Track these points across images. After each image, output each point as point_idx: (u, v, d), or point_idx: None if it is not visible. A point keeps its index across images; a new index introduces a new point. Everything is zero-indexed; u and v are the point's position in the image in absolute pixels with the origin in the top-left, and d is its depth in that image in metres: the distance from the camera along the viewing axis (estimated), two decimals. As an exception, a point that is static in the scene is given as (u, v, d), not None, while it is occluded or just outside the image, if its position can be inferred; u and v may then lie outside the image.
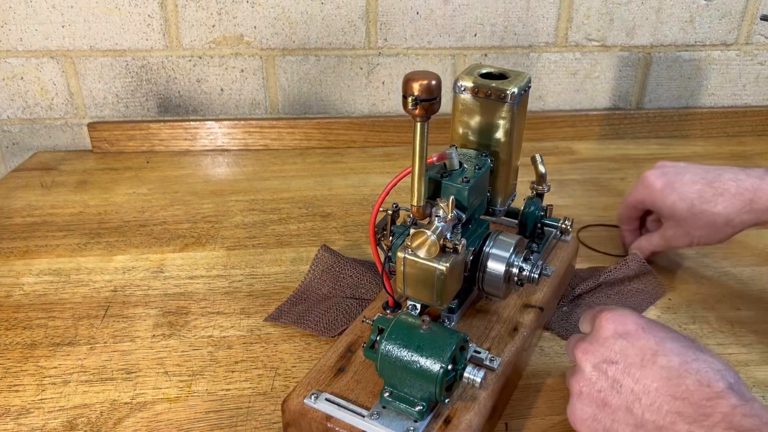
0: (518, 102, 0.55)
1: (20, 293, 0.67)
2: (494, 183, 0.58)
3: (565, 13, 1.00)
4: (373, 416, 0.46)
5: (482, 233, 0.55)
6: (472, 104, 0.56)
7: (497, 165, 0.57)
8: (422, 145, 0.46)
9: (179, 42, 0.97)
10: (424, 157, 0.47)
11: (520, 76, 0.56)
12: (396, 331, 0.46)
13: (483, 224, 0.57)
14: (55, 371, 0.57)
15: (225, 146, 1.02)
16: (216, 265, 0.72)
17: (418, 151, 0.46)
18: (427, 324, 0.46)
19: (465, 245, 0.49)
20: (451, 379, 0.45)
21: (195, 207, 0.85)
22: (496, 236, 0.54)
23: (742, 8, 1.02)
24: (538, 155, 0.62)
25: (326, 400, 0.48)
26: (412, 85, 0.43)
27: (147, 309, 0.65)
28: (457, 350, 0.46)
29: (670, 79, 1.07)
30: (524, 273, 0.53)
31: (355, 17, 0.98)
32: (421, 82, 0.42)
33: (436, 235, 0.47)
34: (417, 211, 0.49)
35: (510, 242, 0.53)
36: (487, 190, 0.56)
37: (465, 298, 0.57)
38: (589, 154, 1.03)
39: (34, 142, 1.03)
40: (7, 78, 0.97)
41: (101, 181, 0.92)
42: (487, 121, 0.56)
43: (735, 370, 0.41)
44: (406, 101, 0.43)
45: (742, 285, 0.69)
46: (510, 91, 0.54)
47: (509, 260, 0.53)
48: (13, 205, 0.85)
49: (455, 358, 0.45)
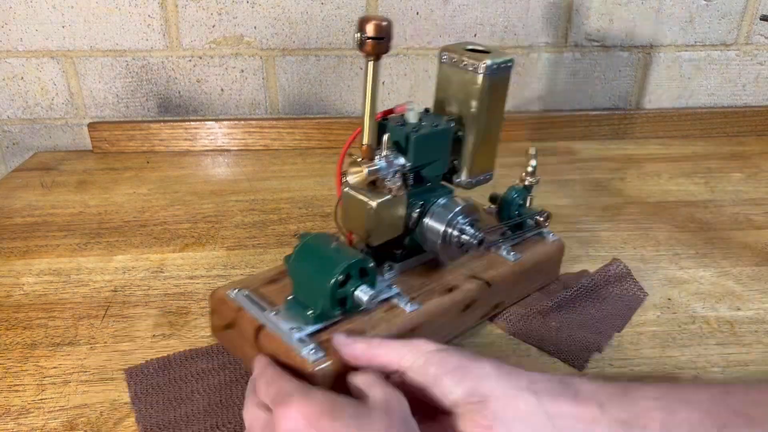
0: (492, 75, 0.55)
1: (20, 293, 0.67)
2: (460, 152, 0.59)
3: (565, 13, 1.00)
4: (272, 312, 0.51)
5: (438, 194, 0.57)
6: (450, 73, 0.58)
7: (465, 135, 0.58)
8: (373, 85, 0.49)
9: (179, 42, 0.97)
10: (375, 97, 0.50)
11: (502, 55, 0.56)
12: (307, 244, 0.51)
13: (445, 190, 0.59)
14: (55, 371, 0.57)
15: (225, 146, 1.02)
16: (216, 265, 0.72)
17: (369, 90, 0.49)
18: (335, 242, 0.50)
19: (400, 188, 0.52)
20: (342, 294, 0.49)
21: (195, 207, 0.85)
22: (448, 198, 0.57)
23: (742, 8, 1.02)
24: (533, 149, 0.64)
25: (245, 296, 0.54)
26: (364, 25, 0.47)
27: (147, 309, 0.65)
28: (356, 270, 0.49)
29: (670, 79, 1.07)
30: (464, 237, 0.55)
31: (355, 17, 0.98)
32: (373, 22, 0.46)
33: (369, 169, 0.50)
34: (365, 149, 0.52)
35: (457, 204, 0.56)
36: (445, 154, 0.58)
37: (410, 254, 0.59)
38: (589, 154, 1.02)
39: (35, 142, 1.03)
40: (7, 78, 0.97)
41: (101, 181, 0.92)
42: (461, 90, 0.57)
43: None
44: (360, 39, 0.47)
45: (742, 285, 0.69)
46: (483, 63, 0.55)
47: (451, 221, 0.55)
48: (13, 205, 0.85)
49: (349, 275, 0.49)
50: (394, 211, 0.54)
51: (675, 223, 0.81)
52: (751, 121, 1.09)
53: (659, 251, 0.75)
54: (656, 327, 0.63)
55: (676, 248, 0.75)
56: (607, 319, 0.63)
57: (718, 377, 0.57)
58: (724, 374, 0.57)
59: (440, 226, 0.55)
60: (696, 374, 0.57)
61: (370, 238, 0.54)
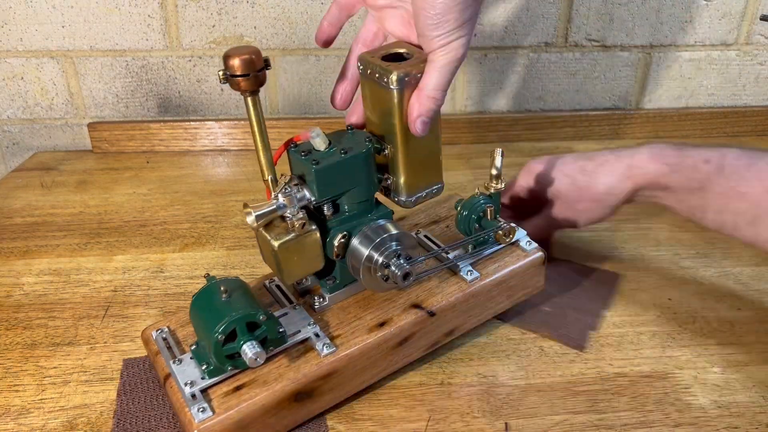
0: (407, 88, 0.49)
1: (20, 293, 0.67)
2: (395, 172, 0.54)
3: (565, 13, 1.00)
4: (176, 362, 0.51)
5: (370, 219, 0.53)
6: (367, 86, 0.52)
7: (395, 152, 0.52)
8: (257, 119, 0.47)
9: (179, 42, 0.97)
10: (262, 132, 0.47)
11: (420, 60, 0.49)
12: (202, 292, 0.50)
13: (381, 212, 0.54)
14: (55, 371, 0.57)
15: (225, 146, 1.02)
16: (216, 265, 0.72)
17: (255, 124, 0.47)
18: (226, 294, 0.48)
19: (302, 224, 0.48)
20: (231, 350, 0.47)
21: (195, 207, 0.85)
22: (374, 226, 0.52)
23: (742, 8, 1.02)
24: (499, 150, 0.56)
25: (163, 338, 0.54)
26: (228, 61, 0.44)
27: (147, 309, 0.65)
28: (242, 326, 0.47)
29: (670, 79, 1.07)
30: (390, 269, 0.51)
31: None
32: (239, 57, 0.43)
33: (256, 213, 0.48)
34: (266, 184, 0.49)
35: (381, 234, 0.51)
36: (367, 179, 0.52)
37: (347, 282, 0.55)
38: (589, 154, 1.02)
39: (34, 142, 1.03)
40: (7, 78, 0.97)
41: (101, 181, 0.92)
42: (378, 104, 0.51)
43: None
44: (225, 77, 0.44)
45: (742, 285, 0.69)
46: (393, 75, 0.48)
47: (369, 254, 0.51)
48: (13, 205, 0.85)
49: (235, 330, 0.47)
50: (303, 247, 0.50)
51: (675, 222, 0.81)
52: (751, 121, 1.09)
53: (659, 251, 0.75)
54: (656, 327, 0.63)
55: (677, 248, 0.75)
56: (593, 300, 0.65)
57: (717, 376, 0.57)
58: (724, 374, 0.57)
59: (360, 255, 0.51)
60: (696, 374, 0.57)
61: (282, 276, 0.51)
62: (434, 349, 0.57)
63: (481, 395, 0.55)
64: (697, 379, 0.56)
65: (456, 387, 0.55)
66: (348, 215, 0.53)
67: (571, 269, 0.70)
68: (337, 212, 0.52)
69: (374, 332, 0.52)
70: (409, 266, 0.51)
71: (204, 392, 0.48)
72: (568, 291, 0.66)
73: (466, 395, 0.54)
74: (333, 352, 0.50)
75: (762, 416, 0.52)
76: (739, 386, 0.55)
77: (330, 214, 0.52)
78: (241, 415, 0.47)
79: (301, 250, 0.50)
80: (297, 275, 0.52)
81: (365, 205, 0.53)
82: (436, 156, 0.55)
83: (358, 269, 0.52)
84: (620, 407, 0.53)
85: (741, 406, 0.53)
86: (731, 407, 0.53)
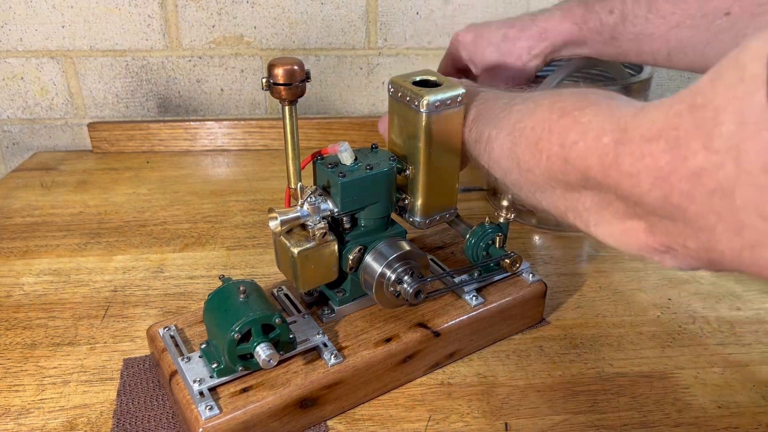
0: (435, 113, 0.51)
1: (20, 293, 0.67)
2: (413, 193, 0.55)
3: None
4: (185, 359, 0.51)
5: (384, 236, 0.54)
6: (397, 107, 0.53)
7: (416, 174, 0.54)
8: (291, 128, 0.48)
9: (179, 42, 0.97)
10: (295, 141, 0.49)
11: (452, 88, 0.51)
12: (219, 292, 0.50)
13: (395, 230, 0.56)
14: (55, 371, 0.57)
15: (225, 146, 1.02)
16: (216, 265, 0.72)
17: (288, 133, 0.48)
18: (244, 294, 0.48)
19: (323, 234, 0.50)
20: (244, 350, 0.47)
21: (195, 207, 0.85)
22: (389, 242, 0.53)
23: (742, 8, 1.02)
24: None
25: (170, 336, 0.54)
26: (273, 69, 0.45)
27: (147, 309, 0.65)
28: (257, 327, 0.47)
29: (670, 79, 1.07)
30: (402, 286, 0.52)
31: (355, 17, 0.98)
32: (282, 67, 0.45)
33: (282, 218, 0.49)
34: (291, 193, 0.51)
35: (396, 251, 0.52)
36: (386, 197, 0.53)
37: (353, 297, 0.56)
38: (589, 154, 1.02)
39: (34, 142, 1.03)
40: (7, 78, 0.97)
41: (101, 181, 0.92)
42: (406, 126, 0.53)
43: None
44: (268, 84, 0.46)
45: (742, 285, 0.69)
46: (424, 100, 0.50)
47: (383, 270, 0.52)
48: (13, 205, 0.85)
49: (250, 331, 0.47)
50: (321, 257, 0.51)
51: (675, 223, 0.81)
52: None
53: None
54: (656, 327, 0.63)
55: (676, 248, 0.75)
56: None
57: (717, 376, 0.57)
58: (724, 374, 0.57)
59: (374, 271, 0.52)
60: (696, 374, 0.57)
61: (298, 283, 0.52)
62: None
63: (481, 395, 0.55)
64: (697, 379, 0.56)
65: (456, 387, 0.55)
66: (364, 230, 0.54)
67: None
68: (354, 226, 0.54)
69: (381, 347, 0.53)
70: (420, 284, 0.53)
71: (212, 391, 0.49)
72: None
73: (466, 395, 0.55)
74: (340, 363, 0.51)
75: (762, 416, 0.52)
76: (739, 386, 0.55)
77: (348, 228, 0.53)
78: (247, 417, 0.47)
79: (318, 259, 0.51)
80: (312, 284, 0.53)
81: (381, 222, 0.55)
82: (453, 182, 0.56)
83: (370, 284, 0.53)
84: (620, 407, 0.53)
85: (741, 406, 0.53)
86: (731, 407, 0.53)
